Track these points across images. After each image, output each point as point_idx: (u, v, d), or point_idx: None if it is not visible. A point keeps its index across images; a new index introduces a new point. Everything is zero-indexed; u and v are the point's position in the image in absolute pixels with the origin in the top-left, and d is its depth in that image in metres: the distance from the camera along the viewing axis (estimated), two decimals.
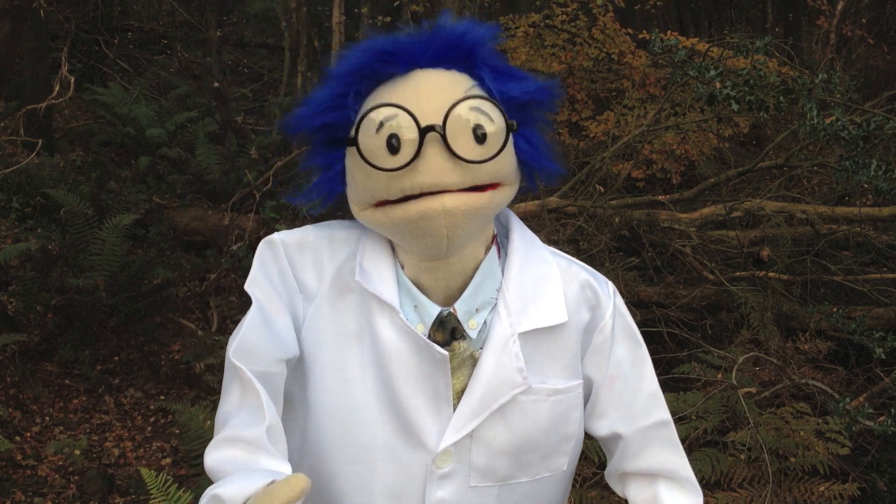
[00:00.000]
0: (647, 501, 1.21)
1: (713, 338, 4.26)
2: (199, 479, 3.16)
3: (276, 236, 1.16)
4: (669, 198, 4.90)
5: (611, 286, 1.20)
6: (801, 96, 3.36)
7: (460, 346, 1.09)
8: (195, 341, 4.54)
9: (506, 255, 1.14)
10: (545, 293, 1.12)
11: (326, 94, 1.07)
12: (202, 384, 4.29)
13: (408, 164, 0.98)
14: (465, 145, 0.99)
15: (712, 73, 3.28)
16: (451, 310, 1.09)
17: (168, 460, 3.94)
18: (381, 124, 0.99)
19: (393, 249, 1.12)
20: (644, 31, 5.71)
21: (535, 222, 4.34)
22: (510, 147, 1.05)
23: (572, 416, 1.15)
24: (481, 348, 1.10)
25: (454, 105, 0.99)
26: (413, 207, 1.00)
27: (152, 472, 2.67)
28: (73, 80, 4.46)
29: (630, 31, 6.55)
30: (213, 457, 0.98)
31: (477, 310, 1.10)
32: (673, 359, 4.01)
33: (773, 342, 3.78)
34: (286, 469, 0.96)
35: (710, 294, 4.40)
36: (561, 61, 6.42)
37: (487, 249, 1.12)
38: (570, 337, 1.14)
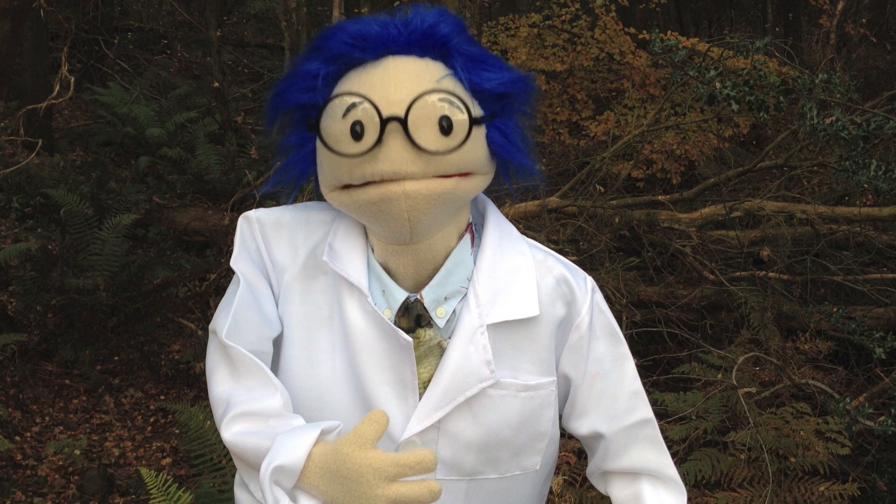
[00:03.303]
0: (629, 499, 1.19)
1: (713, 338, 4.26)
2: (198, 480, 3.16)
3: (252, 213, 1.16)
4: (669, 198, 4.90)
5: (589, 281, 1.17)
6: (801, 96, 3.36)
7: (426, 333, 1.08)
8: (195, 341, 4.54)
9: (480, 243, 1.12)
10: (517, 285, 1.10)
11: (298, 75, 1.06)
12: (202, 384, 4.29)
13: (368, 152, 0.97)
14: (428, 136, 0.98)
15: (712, 73, 3.28)
16: (418, 296, 1.08)
17: (168, 460, 3.94)
18: (348, 110, 0.99)
19: (366, 233, 1.11)
20: (644, 32, 5.71)
21: (535, 222, 4.34)
22: (480, 138, 1.04)
23: (545, 414, 1.13)
24: (450, 338, 1.08)
25: (417, 98, 0.98)
26: (374, 191, 0.99)
27: (152, 472, 2.67)
28: (73, 80, 4.46)
29: (631, 30, 6.54)
30: (234, 431, 1.00)
31: (446, 298, 1.08)
32: (673, 359, 4.02)
33: (773, 342, 3.78)
34: (320, 423, 0.98)
35: (710, 294, 4.40)
36: (563, 62, 6.42)
37: (460, 237, 1.10)
38: (543, 332, 1.12)
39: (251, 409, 1.00)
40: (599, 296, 1.17)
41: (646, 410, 1.18)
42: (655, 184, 6.24)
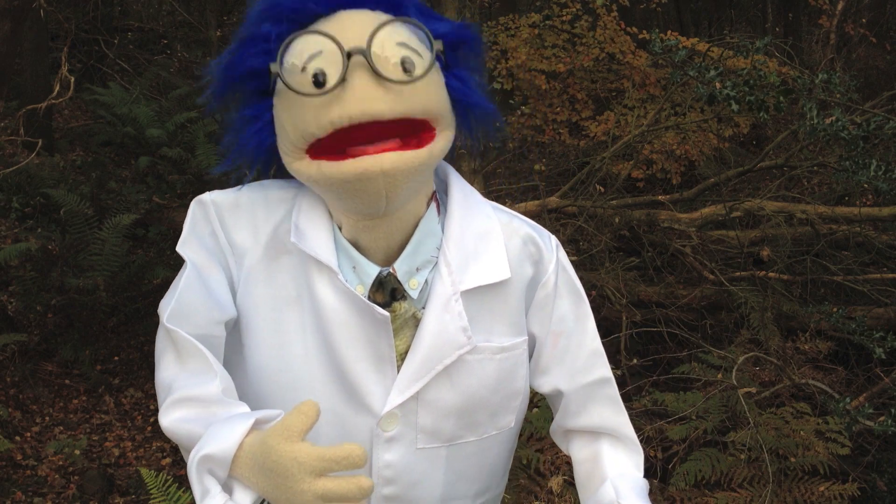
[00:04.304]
0: (588, 459, 1.20)
1: (713, 338, 4.26)
2: None
3: (206, 196, 1.12)
4: (669, 198, 4.90)
5: (553, 240, 1.17)
6: (801, 96, 3.36)
7: (402, 306, 1.07)
8: None
9: (445, 211, 1.11)
10: (487, 249, 1.10)
11: (249, 39, 1.02)
12: None
13: (333, 89, 0.94)
14: (392, 70, 0.96)
15: (712, 73, 3.28)
16: (391, 270, 1.07)
17: (168, 460, 3.94)
18: (307, 62, 0.96)
19: (329, 209, 1.09)
20: (644, 32, 5.71)
21: (535, 222, 4.34)
22: (441, 83, 1.03)
23: (518, 372, 1.14)
24: (423, 308, 1.08)
25: (380, 27, 0.96)
26: (349, 167, 0.96)
27: (152, 472, 2.67)
28: (73, 80, 4.46)
29: (631, 30, 6.54)
30: (171, 418, 0.97)
31: (418, 269, 1.07)
32: (673, 359, 4.02)
33: (773, 342, 3.79)
34: (256, 413, 0.94)
35: (710, 294, 4.40)
36: (564, 63, 6.42)
37: (428, 205, 1.09)
38: (513, 293, 1.12)
39: (190, 394, 0.97)
40: (563, 254, 1.18)
41: (605, 370, 1.19)
42: (655, 184, 6.24)
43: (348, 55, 0.94)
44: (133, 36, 9.19)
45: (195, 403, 0.97)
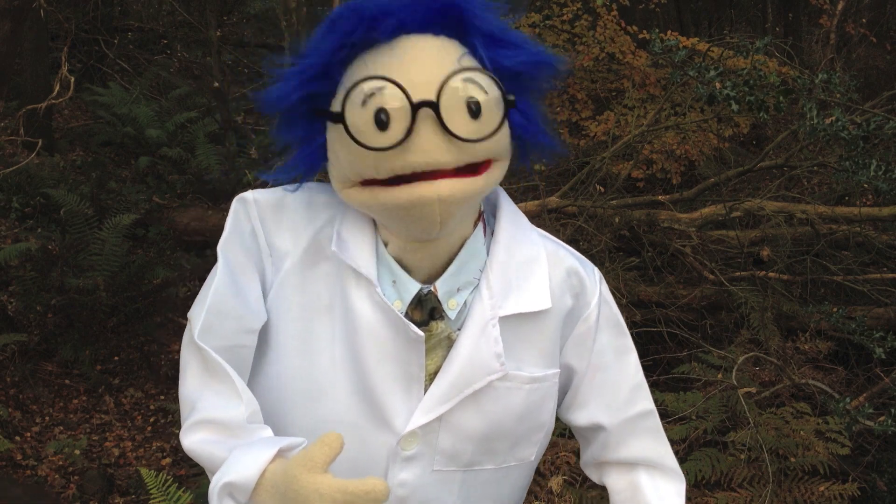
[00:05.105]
0: (627, 488, 1.18)
1: (713, 338, 4.26)
2: (198, 479, 3.16)
3: (249, 194, 1.08)
4: (669, 198, 4.90)
5: (597, 273, 1.15)
6: (801, 96, 3.36)
7: (438, 326, 1.05)
8: None
9: (492, 233, 1.08)
10: (530, 277, 1.08)
11: (308, 65, 0.99)
12: None
13: (399, 144, 0.90)
14: (459, 121, 0.91)
15: (712, 73, 3.28)
16: (432, 288, 1.04)
17: (168, 460, 3.94)
18: (368, 97, 0.91)
19: (374, 221, 1.06)
20: (644, 32, 5.71)
21: (535, 222, 4.33)
22: (504, 123, 0.98)
23: (546, 405, 1.12)
24: (459, 329, 1.05)
25: (448, 78, 0.91)
26: (405, 193, 0.92)
27: (152, 472, 2.67)
28: (73, 80, 4.46)
29: (631, 29, 6.54)
30: (193, 439, 0.97)
31: (458, 289, 1.05)
32: (673, 359, 4.01)
33: (773, 342, 3.78)
34: (280, 440, 0.94)
35: (710, 294, 4.40)
36: (566, 63, 6.41)
37: (475, 226, 1.07)
38: (551, 324, 1.10)
39: (214, 416, 0.96)
40: (606, 287, 1.16)
41: (647, 402, 1.17)
42: (655, 184, 6.24)
43: (416, 106, 0.90)
44: (133, 36, 9.19)
45: (218, 428, 0.96)
